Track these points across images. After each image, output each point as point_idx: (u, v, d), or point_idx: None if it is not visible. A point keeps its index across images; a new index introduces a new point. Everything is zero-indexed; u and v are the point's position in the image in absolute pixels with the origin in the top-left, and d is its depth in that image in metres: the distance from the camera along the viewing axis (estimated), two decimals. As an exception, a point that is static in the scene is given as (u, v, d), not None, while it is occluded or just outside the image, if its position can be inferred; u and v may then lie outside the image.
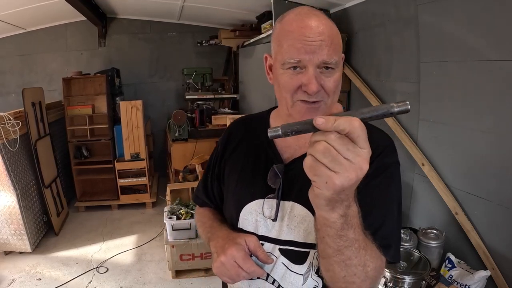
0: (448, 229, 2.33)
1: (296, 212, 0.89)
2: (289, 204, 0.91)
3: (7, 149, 3.07)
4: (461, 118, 2.19)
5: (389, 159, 0.89)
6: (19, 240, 3.27)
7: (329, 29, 0.81)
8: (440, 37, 2.25)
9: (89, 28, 4.94)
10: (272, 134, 0.60)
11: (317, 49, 0.78)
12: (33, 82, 4.87)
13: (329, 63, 0.80)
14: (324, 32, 0.79)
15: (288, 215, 0.90)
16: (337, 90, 0.85)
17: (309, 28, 0.79)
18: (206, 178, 1.14)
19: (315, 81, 0.79)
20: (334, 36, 0.81)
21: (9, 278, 3.00)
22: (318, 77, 0.80)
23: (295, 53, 0.79)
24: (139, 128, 4.26)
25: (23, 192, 3.27)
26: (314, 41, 0.78)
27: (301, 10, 0.84)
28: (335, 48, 0.80)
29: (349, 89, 3.34)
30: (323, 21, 0.81)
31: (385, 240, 0.81)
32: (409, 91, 2.58)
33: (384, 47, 2.82)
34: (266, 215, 0.92)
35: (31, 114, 3.49)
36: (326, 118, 0.54)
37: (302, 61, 0.79)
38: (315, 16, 0.82)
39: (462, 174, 2.25)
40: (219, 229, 1.01)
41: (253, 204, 0.95)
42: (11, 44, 4.89)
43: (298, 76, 0.81)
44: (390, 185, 0.88)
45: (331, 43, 0.79)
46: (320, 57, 0.79)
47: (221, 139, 1.11)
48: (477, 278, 1.99)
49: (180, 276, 3.00)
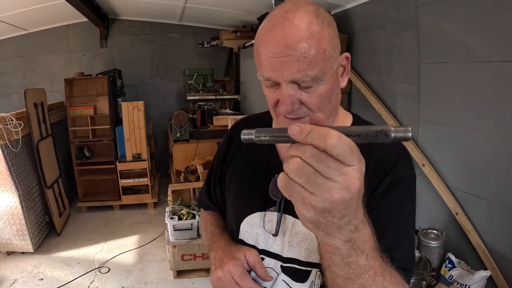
0: (448, 230, 2.34)
1: (297, 229, 0.83)
2: (291, 220, 0.84)
3: (9, 150, 3.09)
4: (461, 119, 2.19)
5: (402, 173, 0.79)
6: (21, 240, 3.28)
7: (305, 36, 0.67)
8: (441, 38, 2.26)
9: (91, 29, 4.96)
10: (245, 137, 0.54)
11: (284, 66, 0.68)
12: (35, 83, 4.89)
13: (302, 81, 0.69)
14: (295, 44, 0.66)
15: (289, 232, 0.84)
16: (326, 103, 0.75)
17: (275, 39, 0.68)
18: (209, 182, 1.09)
19: (287, 100, 0.70)
20: (312, 46, 0.67)
21: (11, 278, 3.01)
22: (294, 93, 0.71)
23: (263, 69, 0.71)
24: (140, 128, 4.27)
25: (25, 192, 3.28)
26: (279, 57, 0.68)
27: (277, 12, 0.71)
28: (312, 62, 0.67)
29: (349, 90, 3.35)
30: (297, 27, 0.67)
31: (402, 263, 0.71)
32: (410, 92, 2.59)
33: (385, 48, 2.83)
34: (267, 229, 0.86)
35: (33, 115, 3.50)
36: (302, 127, 0.45)
37: (272, 78, 0.71)
38: (288, 22, 0.68)
39: (462, 174, 2.25)
40: (220, 238, 0.96)
41: (253, 216, 0.89)
42: (13, 45, 4.91)
43: (275, 92, 0.74)
44: (404, 202, 0.79)
45: (304, 56, 0.67)
46: (290, 74, 0.68)
47: (222, 142, 1.05)
48: (477, 278, 2.00)
49: (181, 276, 3.01)
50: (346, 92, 3.34)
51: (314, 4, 0.73)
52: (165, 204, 3.79)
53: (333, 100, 0.77)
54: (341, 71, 0.78)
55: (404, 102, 2.69)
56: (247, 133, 0.53)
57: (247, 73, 4.51)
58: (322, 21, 0.70)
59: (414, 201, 0.82)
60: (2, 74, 5.01)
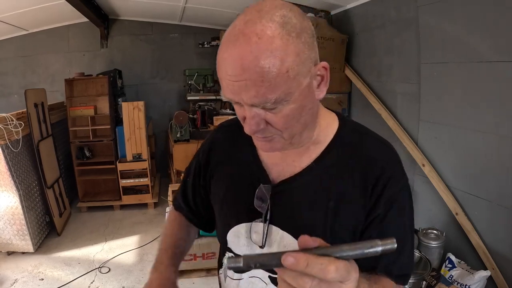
0: (448, 230, 2.34)
1: (286, 242, 0.81)
2: (279, 232, 0.82)
3: (9, 150, 3.09)
4: (462, 119, 2.20)
5: (396, 186, 0.78)
6: (22, 241, 3.28)
7: (263, 58, 0.60)
8: (441, 38, 2.27)
9: (91, 29, 4.96)
10: (232, 265, 0.49)
11: (242, 90, 0.62)
12: (35, 83, 4.89)
13: (262, 105, 0.64)
14: (251, 67, 0.60)
15: (277, 244, 0.82)
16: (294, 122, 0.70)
17: (230, 60, 0.62)
18: (185, 184, 1.03)
19: (251, 122, 0.67)
20: (273, 66, 0.60)
21: (11, 278, 3.02)
22: (259, 114, 0.67)
23: (223, 90, 0.67)
24: (141, 129, 4.28)
25: (26, 192, 3.29)
26: (235, 81, 0.62)
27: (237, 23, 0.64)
28: (272, 84, 0.61)
29: (350, 90, 3.35)
30: (254, 46, 0.60)
31: (402, 271, 0.80)
32: (410, 92, 2.60)
33: (385, 48, 2.83)
34: (254, 241, 0.84)
35: (34, 115, 3.50)
36: (297, 258, 0.46)
37: (233, 100, 0.67)
38: (245, 39, 0.60)
39: (462, 174, 2.25)
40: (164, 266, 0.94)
41: (239, 227, 0.86)
42: (13, 45, 4.91)
43: (241, 109, 0.69)
44: (402, 215, 0.80)
45: (262, 80, 0.60)
46: (248, 100, 0.63)
47: (203, 147, 0.98)
48: (477, 278, 2.00)
49: (181, 276, 3.01)
50: (346, 92, 3.34)
51: (283, 8, 0.65)
52: (165, 204, 3.79)
53: (304, 117, 0.71)
54: (318, 81, 0.71)
55: (404, 102, 2.69)
56: (233, 261, 0.49)
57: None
58: (289, 32, 0.62)
59: (412, 210, 0.82)
60: (3, 74, 5.01)
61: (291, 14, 0.64)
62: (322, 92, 0.73)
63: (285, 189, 0.81)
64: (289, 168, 0.82)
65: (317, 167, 0.80)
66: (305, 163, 0.81)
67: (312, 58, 0.67)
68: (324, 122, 0.82)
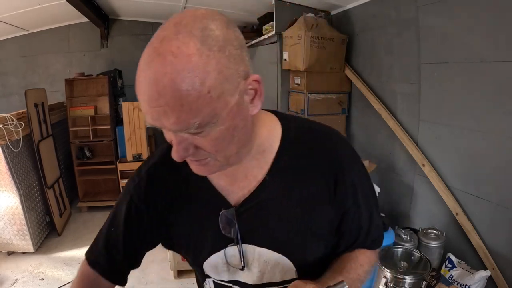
0: (448, 230, 2.34)
1: (266, 258, 0.80)
2: (255, 249, 0.80)
3: (10, 150, 3.09)
4: (462, 119, 2.20)
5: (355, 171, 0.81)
6: (22, 241, 3.29)
7: (179, 81, 0.53)
8: (441, 38, 2.27)
9: (92, 29, 4.97)
10: None
11: (161, 116, 0.56)
12: (35, 83, 4.90)
13: (185, 131, 0.59)
14: (167, 92, 0.54)
15: (257, 261, 0.80)
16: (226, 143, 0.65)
17: (145, 85, 0.56)
18: (109, 234, 0.86)
19: (178, 148, 0.63)
20: (192, 89, 0.54)
21: (12, 278, 3.02)
22: (186, 138, 0.62)
23: (144, 114, 0.60)
24: (141, 129, 4.28)
25: (26, 192, 3.29)
26: (153, 107, 0.56)
27: (154, 40, 0.57)
28: (192, 109, 0.55)
29: (350, 90, 3.36)
30: (169, 68, 0.53)
31: (375, 235, 0.89)
32: (410, 92, 2.60)
33: (385, 49, 2.83)
34: (233, 265, 0.81)
35: (34, 115, 3.51)
36: None
37: (156, 126, 0.60)
38: (159, 59, 0.54)
39: (462, 174, 2.26)
40: None
41: (214, 257, 0.82)
42: (14, 45, 4.92)
43: (168, 133, 0.64)
44: (366, 193, 0.84)
45: (181, 104, 0.54)
46: (170, 127, 0.58)
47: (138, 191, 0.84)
48: (477, 278, 2.00)
49: (182, 276, 3.02)
50: (346, 92, 3.35)
51: (204, 19, 0.58)
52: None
53: (237, 137, 0.66)
54: (252, 95, 0.65)
55: (404, 102, 2.69)
56: None
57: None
58: (210, 47, 0.56)
59: (368, 176, 0.86)
60: (3, 74, 5.02)
61: (213, 25, 0.58)
62: (257, 106, 0.66)
63: (249, 207, 0.78)
64: (245, 185, 0.78)
65: (273, 178, 0.77)
66: (260, 175, 0.78)
67: (241, 72, 0.61)
68: (265, 129, 0.77)
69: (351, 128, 3.44)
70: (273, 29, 3.39)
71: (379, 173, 3.01)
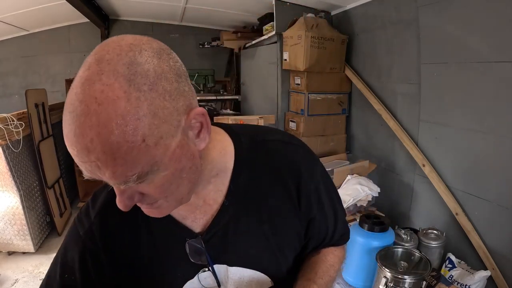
0: (448, 230, 2.34)
1: (240, 275, 0.78)
2: (229, 269, 0.78)
3: (10, 150, 3.09)
4: (462, 119, 2.20)
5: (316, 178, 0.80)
6: (23, 241, 3.29)
7: (106, 133, 0.47)
8: (441, 38, 2.27)
9: (92, 30, 4.97)
10: None
11: (95, 170, 0.51)
12: (36, 84, 4.90)
13: (125, 184, 0.53)
14: (95, 147, 0.48)
15: (232, 280, 0.79)
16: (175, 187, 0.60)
17: (70, 141, 0.51)
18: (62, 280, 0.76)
19: (121, 199, 0.57)
20: (123, 140, 0.48)
21: (12, 278, 3.02)
22: (129, 188, 0.56)
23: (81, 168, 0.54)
24: (141, 129, 4.28)
25: (26, 193, 3.29)
26: (84, 162, 0.51)
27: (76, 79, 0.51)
28: (129, 160, 0.50)
29: (350, 90, 3.36)
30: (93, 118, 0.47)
31: (341, 231, 0.91)
32: (410, 92, 2.60)
33: (385, 49, 2.83)
34: (209, 286, 0.79)
35: (34, 115, 3.51)
36: None
37: (94, 178, 0.55)
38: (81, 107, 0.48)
39: (462, 174, 2.26)
40: None
41: (188, 284, 0.78)
42: (14, 45, 4.92)
43: None
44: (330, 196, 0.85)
45: (114, 158, 0.49)
46: (108, 180, 0.53)
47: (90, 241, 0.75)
48: (477, 278, 2.00)
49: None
50: (346, 92, 3.35)
51: (130, 51, 0.51)
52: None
53: (187, 178, 0.61)
54: (198, 129, 0.59)
55: (404, 103, 2.70)
56: None
57: (248, 73, 4.52)
58: (138, 87, 0.49)
59: (330, 179, 0.87)
60: (4, 74, 5.02)
61: (141, 58, 0.51)
62: (204, 140, 0.61)
63: (215, 232, 0.75)
64: (206, 210, 0.75)
65: (233, 200, 0.74)
66: (219, 197, 0.75)
67: (180, 108, 0.54)
68: (216, 151, 0.72)
69: (351, 128, 3.44)
70: (273, 29, 3.40)
71: (379, 173, 3.01)
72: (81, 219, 0.78)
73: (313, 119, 3.24)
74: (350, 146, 3.47)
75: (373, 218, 2.18)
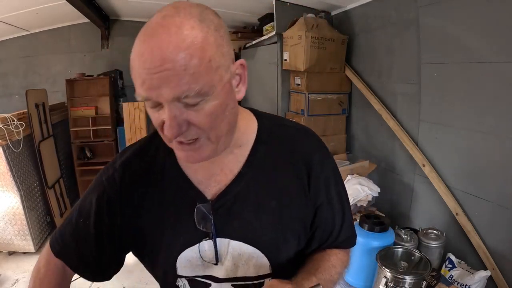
0: (448, 230, 2.34)
1: (240, 251, 0.80)
2: (230, 243, 0.80)
3: (10, 150, 3.10)
4: (462, 119, 2.20)
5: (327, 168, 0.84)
6: (23, 241, 3.29)
7: (185, 45, 0.58)
8: (441, 39, 2.27)
9: (92, 30, 4.97)
10: None
11: (162, 82, 0.58)
12: (36, 84, 4.90)
13: (185, 98, 0.61)
14: (171, 57, 0.57)
15: (231, 255, 0.80)
16: (219, 122, 0.66)
17: (148, 52, 0.59)
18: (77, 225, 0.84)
19: (172, 122, 0.62)
20: (194, 55, 0.58)
21: (13, 278, 3.02)
22: (179, 114, 0.62)
23: (139, 88, 0.61)
24: (142, 129, 4.29)
25: (27, 193, 3.30)
26: (156, 73, 0.58)
27: (154, 19, 0.62)
28: (196, 73, 0.59)
29: (350, 90, 3.36)
30: (174, 36, 0.58)
31: (348, 233, 0.91)
32: (410, 92, 2.60)
33: (385, 49, 2.83)
34: (207, 260, 0.81)
35: (35, 115, 3.52)
36: None
37: (151, 98, 0.61)
38: (165, 28, 0.59)
39: (462, 175, 2.26)
40: None
41: (188, 251, 0.81)
42: (14, 46, 4.93)
43: (159, 113, 0.64)
44: (339, 190, 0.88)
45: (184, 69, 0.58)
46: (170, 92, 0.59)
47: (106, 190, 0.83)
48: (477, 278, 2.00)
49: (182, 276, 3.02)
50: (347, 92, 3.35)
51: (199, 7, 0.64)
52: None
53: (228, 117, 0.68)
54: (237, 81, 0.70)
55: (405, 103, 2.70)
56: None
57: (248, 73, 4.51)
58: (208, 25, 0.61)
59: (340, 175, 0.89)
60: (4, 74, 5.02)
61: (207, 11, 0.65)
62: (242, 92, 0.71)
63: (226, 201, 0.79)
64: (221, 178, 0.80)
65: (249, 171, 0.80)
66: (236, 168, 0.80)
67: (231, 54, 0.67)
68: (243, 123, 0.81)
69: (351, 128, 3.44)
70: (273, 29, 3.40)
71: (379, 173, 3.01)
72: (107, 167, 0.87)
73: (313, 119, 3.24)
74: (350, 146, 3.47)
75: (373, 218, 2.18)
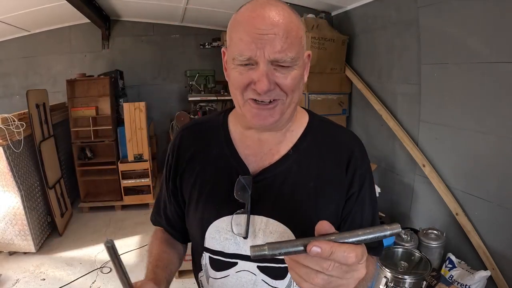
0: (448, 230, 2.34)
1: (272, 229, 0.82)
2: (263, 220, 0.83)
3: (11, 151, 3.10)
4: (462, 119, 2.20)
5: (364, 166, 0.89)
6: (24, 241, 3.29)
7: (287, 20, 0.71)
8: (441, 39, 2.27)
9: (93, 30, 4.98)
10: (256, 253, 0.54)
11: (268, 43, 0.69)
12: (37, 84, 4.91)
13: (282, 61, 0.71)
14: (279, 24, 0.70)
15: (262, 232, 0.83)
16: (297, 88, 0.77)
17: (260, 18, 0.70)
18: (160, 195, 1.03)
19: (265, 79, 0.71)
20: (292, 29, 0.72)
21: (13, 278, 3.03)
22: (271, 74, 0.72)
23: (243, 47, 0.71)
24: (142, 129, 4.29)
25: (28, 193, 3.30)
26: (265, 34, 0.69)
27: (260, 1, 0.75)
28: (292, 43, 0.71)
29: (350, 90, 3.36)
30: (280, 11, 0.71)
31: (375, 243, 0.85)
32: (410, 92, 2.60)
33: (385, 49, 2.84)
34: (236, 232, 0.83)
35: (35, 115, 3.52)
36: (322, 247, 0.51)
37: (252, 57, 0.71)
38: (273, 6, 0.72)
39: (462, 175, 2.26)
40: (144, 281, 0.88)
41: (219, 221, 0.85)
42: (15, 46, 4.93)
43: (248, 73, 0.73)
44: (372, 191, 0.91)
45: (286, 36, 0.70)
46: (272, 53, 0.70)
47: (170, 152, 0.96)
48: (477, 278, 2.00)
49: (183, 276, 3.02)
50: (347, 92, 3.35)
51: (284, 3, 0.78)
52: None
53: (300, 90, 0.81)
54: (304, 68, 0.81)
55: (405, 103, 2.70)
56: (258, 249, 0.54)
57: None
58: (298, 16, 0.77)
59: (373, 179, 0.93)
60: (5, 75, 5.03)
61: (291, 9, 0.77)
62: (305, 77, 0.82)
63: (266, 177, 0.84)
64: (267, 157, 0.86)
65: (294, 154, 0.86)
66: (283, 150, 0.86)
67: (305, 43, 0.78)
68: (298, 114, 0.91)
69: (352, 128, 3.44)
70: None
71: (379, 173, 3.01)
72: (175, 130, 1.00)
73: (314, 119, 3.24)
74: (351, 147, 3.47)
75: (373, 218, 2.18)
